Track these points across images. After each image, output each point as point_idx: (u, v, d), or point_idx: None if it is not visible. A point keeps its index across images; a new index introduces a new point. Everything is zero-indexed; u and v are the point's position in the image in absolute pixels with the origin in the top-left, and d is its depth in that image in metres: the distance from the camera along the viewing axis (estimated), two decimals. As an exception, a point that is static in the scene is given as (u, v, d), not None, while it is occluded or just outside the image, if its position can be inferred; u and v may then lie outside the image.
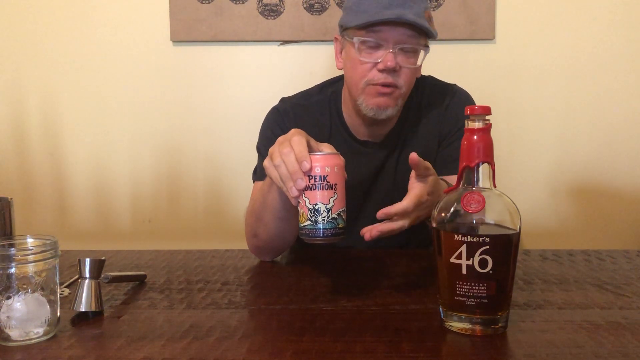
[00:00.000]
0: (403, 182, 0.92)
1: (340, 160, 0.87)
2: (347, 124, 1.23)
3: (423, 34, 1.09)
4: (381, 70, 1.08)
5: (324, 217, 0.84)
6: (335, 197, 0.85)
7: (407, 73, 1.10)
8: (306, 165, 0.84)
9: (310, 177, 0.84)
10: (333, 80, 1.30)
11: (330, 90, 1.26)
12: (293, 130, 0.90)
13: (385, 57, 1.07)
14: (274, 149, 0.89)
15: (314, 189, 0.84)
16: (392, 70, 1.08)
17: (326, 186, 0.84)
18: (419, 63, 1.12)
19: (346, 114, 1.23)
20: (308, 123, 1.17)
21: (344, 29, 1.14)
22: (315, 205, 0.84)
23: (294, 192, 0.85)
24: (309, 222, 0.84)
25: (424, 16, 1.07)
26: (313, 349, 0.70)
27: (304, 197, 0.85)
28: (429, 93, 1.24)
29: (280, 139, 0.90)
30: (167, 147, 1.85)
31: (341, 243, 1.24)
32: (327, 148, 0.90)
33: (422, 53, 1.12)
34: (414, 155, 0.85)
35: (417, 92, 1.22)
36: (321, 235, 0.84)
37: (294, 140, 0.87)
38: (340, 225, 0.85)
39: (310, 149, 0.87)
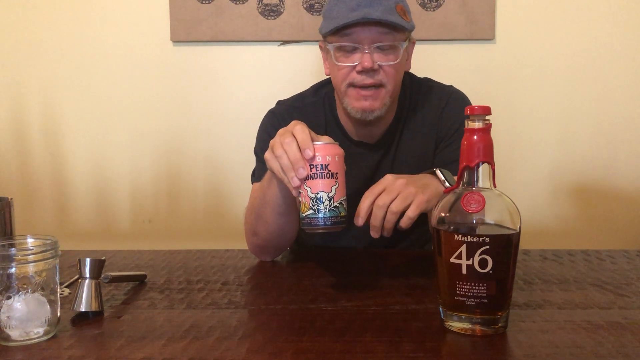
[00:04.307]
0: None
1: (340, 150, 0.88)
2: (342, 124, 1.23)
3: (399, 29, 1.07)
4: (360, 72, 1.08)
5: (326, 205, 0.84)
6: (337, 185, 0.85)
7: (389, 70, 1.09)
8: (309, 153, 0.84)
9: (312, 167, 0.85)
10: (326, 81, 1.29)
11: (324, 91, 1.26)
12: (294, 122, 0.91)
13: (362, 58, 1.07)
14: (275, 141, 0.89)
15: (315, 178, 0.85)
16: (372, 70, 1.07)
17: (327, 175, 0.85)
18: (400, 58, 1.10)
19: (340, 114, 1.22)
20: None
21: (322, 36, 1.14)
22: (317, 194, 0.84)
23: (295, 182, 0.85)
24: (311, 211, 0.85)
25: (395, 11, 1.06)
26: (313, 349, 0.70)
27: (305, 187, 0.85)
28: (425, 94, 1.23)
29: (281, 130, 0.90)
30: (167, 147, 1.85)
31: (341, 243, 1.23)
32: (326, 139, 0.90)
33: (403, 47, 1.10)
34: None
35: (412, 93, 1.22)
36: (323, 224, 0.85)
37: (297, 129, 0.87)
38: (341, 214, 0.86)
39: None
